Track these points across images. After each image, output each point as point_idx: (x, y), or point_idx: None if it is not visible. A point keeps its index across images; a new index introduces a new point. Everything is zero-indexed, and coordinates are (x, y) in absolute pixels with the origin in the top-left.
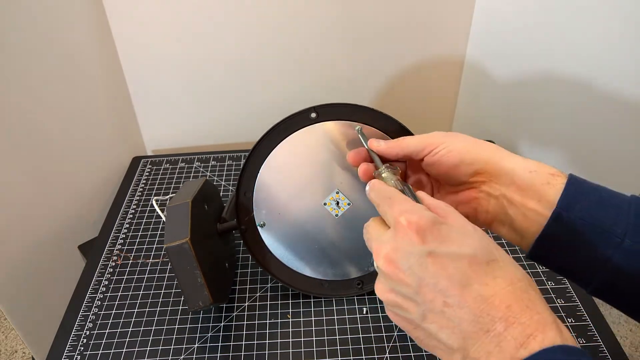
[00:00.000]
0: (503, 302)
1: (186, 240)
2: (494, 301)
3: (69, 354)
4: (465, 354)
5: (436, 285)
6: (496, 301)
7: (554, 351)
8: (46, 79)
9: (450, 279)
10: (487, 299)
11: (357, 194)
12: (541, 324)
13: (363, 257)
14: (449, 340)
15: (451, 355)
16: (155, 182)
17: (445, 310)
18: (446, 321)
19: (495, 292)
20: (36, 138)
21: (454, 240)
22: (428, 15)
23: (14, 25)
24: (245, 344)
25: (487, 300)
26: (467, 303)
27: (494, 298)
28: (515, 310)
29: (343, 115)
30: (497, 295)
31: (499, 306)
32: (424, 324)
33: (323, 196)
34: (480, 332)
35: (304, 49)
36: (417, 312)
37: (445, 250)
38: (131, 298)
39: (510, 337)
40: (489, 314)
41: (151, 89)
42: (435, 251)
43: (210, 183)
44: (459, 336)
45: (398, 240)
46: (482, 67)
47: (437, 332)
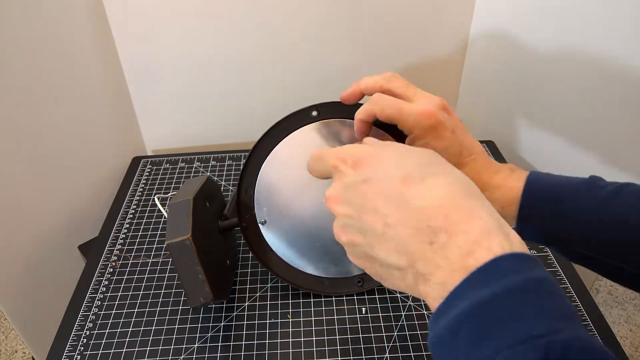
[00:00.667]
0: (441, 211)
1: (187, 236)
2: (431, 212)
3: (69, 354)
4: (415, 272)
5: (375, 209)
6: (433, 212)
7: (505, 259)
8: (46, 79)
9: (386, 198)
10: (423, 210)
11: None
12: (485, 230)
13: None
14: (399, 262)
15: (404, 280)
16: (155, 182)
17: (387, 232)
18: (390, 243)
19: (432, 203)
20: (36, 138)
21: (388, 164)
22: (428, 15)
23: (14, 26)
24: (245, 344)
25: (423, 212)
26: (404, 218)
27: (430, 209)
28: (455, 219)
29: (344, 113)
30: (434, 205)
31: (437, 216)
32: (374, 252)
33: (324, 194)
34: (424, 245)
35: (304, 49)
36: (365, 242)
37: (380, 174)
38: (131, 298)
39: (455, 247)
40: (428, 226)
41: (151, 89)
42: (370, 177)
43: (213, 180)
44: (405, 256)
45: (337, 179)
46: (482, 67)
47: (385, 257)
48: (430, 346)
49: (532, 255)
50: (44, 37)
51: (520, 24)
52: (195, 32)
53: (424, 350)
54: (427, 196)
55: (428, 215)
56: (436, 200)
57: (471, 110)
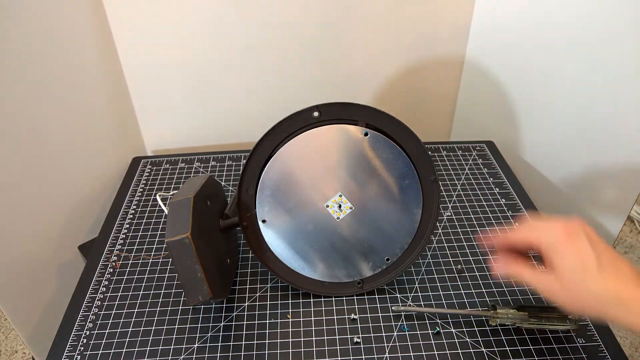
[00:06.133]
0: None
1: (187, 235)
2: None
3: (69, 354)
4: None
5: None
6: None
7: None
8: (46, 80)
9: None
10: None
11: (360, 199)
12: None
13: (360, 262)
14: None
15: None
16: (155, 182)
17: None
18: None
19: None
20: (36, 138)
21: None
22: (428, 15)
23: (14, 26)
24: (245, 344)
25: None
26: None
27: None
28: None
29: (345, 114)
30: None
31: None
32: None
33: (326, 198)
34: None
35: (304, 49)
36: None
37: None
38: (131, 298)
39: None
40: None
41: (151, 89)
42: None
43: (214, 179)
44: None
45: None
46: (482, 67)
47: None
48: None
49: None
50: (44, 37)
51: (520, 24)
52: (196, 32)
53: (424, 350)
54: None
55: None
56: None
57: (471, 110)
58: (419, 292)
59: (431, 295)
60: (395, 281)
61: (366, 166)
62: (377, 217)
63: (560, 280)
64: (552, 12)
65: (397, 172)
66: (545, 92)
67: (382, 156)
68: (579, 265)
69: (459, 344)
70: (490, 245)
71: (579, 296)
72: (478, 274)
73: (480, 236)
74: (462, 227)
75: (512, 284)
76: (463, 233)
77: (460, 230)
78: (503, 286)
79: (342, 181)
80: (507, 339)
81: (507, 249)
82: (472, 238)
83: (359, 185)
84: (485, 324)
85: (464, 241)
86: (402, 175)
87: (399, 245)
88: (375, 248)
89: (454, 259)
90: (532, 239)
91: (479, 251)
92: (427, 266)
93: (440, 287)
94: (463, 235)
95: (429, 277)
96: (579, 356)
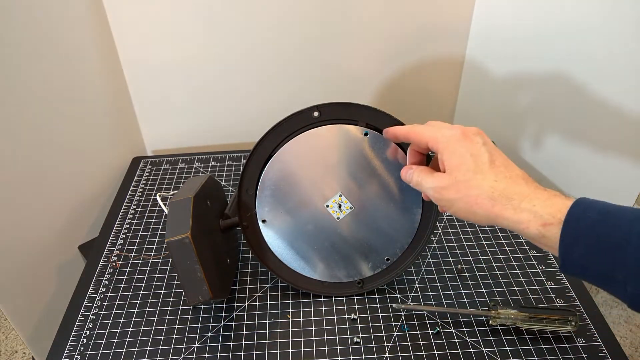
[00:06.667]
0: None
1: (187, 234)
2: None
3: (69, 354)
4: None
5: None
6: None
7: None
8: (46, 80)
9: None
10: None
11: (360, 199)
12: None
13: (360, 262)
14: None
15: None
16: (155, 182)
17: None
18: None
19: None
20: (36, 138)
21: None
22: (428, 15)
23: (14, 26)
24: (245, 344)
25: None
26: None
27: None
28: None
29: (345, 114)
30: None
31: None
32: None
33: (326, 198)
34: None
35: (304, 48)
36: None
37: None
38: (131, 298)
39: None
40: None
41: (151, 89)
42: None
43: (214, 179)
44: None
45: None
46: (482, 67)
47: None
48: None
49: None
50: (44, 37)
51: (520, 24)
52: (196, 32)
53: (424, 350)
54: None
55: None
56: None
57: (471, 110)
58: (419, 292)
59: (431, 295)
60: (395, 281)
61: (366, 166)
62: (377, 217)
63: (453, 177)
64: (552, 11)
65: (397, 172)
66: (545, 91)
67: (382, 156)
68: (471, 162)
69: (459, 344)
70: (395, 134)
71: (469, 193)
72: (478, 274)
73: (388, 129)
74: (462, 227)
75: (512, 284)
76: (463, 233)
77: (460, 230)
78: (503, 286)
79: (342, 181)
80: (507, 339)
81: (403, 139)
82: (472, 238)
83: (359, 185)
84: (485, 324)
85: (464, 241)
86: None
87: (399, 245)
88: (375, 248)
89: (454, 259)
90: (429, 138)
91: (478, 251)
92: (427, 266)
93: (440, 287)
94: (463, 235)
95: (429, 277)
96: (579, 356)
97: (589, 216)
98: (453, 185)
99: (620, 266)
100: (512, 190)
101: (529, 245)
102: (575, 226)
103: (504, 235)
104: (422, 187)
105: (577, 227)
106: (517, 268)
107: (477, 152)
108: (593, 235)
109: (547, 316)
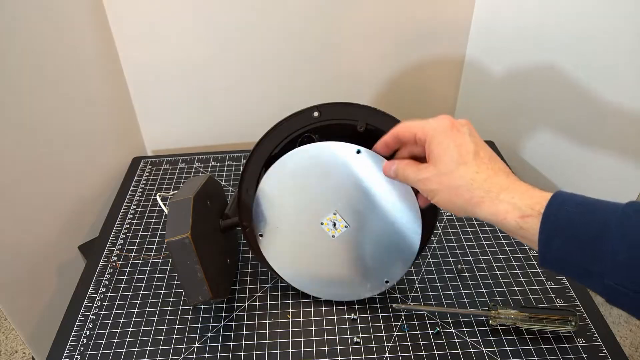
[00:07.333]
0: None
1: (187, 235)
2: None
3: (69, 354)
4: None
5: None
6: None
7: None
8: (46, 80)
9: None
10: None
11: (356, 218)
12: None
13: (359, 283)
14: None
15: None
16: (155, 183)
17: None
18: None
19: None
20: (36, 138)
21: None
22: (428, 15)
23: (15, 27)
24: (245, 344)
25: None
26: None
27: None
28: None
29: (345, 114)
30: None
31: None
32: None
33: (321, 215)
34: None
35: (304, 49)
36: None
37: None
38: (131, 298)
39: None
40: None
41: (151, 89)
42: None
43: (214, 179)
44: None
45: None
46: (482, 66)
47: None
48: None
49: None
50: (44, 37)
51: (521, 24)
52: (195, 32)
53: (424, 350)
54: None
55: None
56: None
57: (471, 110)
58: (419, 292)
59: (431, 295)
60: None
61: (360, 184)
62: (373, 236)
63: (437, 167)
64: (552, 11)
65: (394, 190)
66: (546, 91)
67: (376, 173)
68: (455, 153)
69: (459, 344)
70: (384, 142)
71: (450, 184)
72: (478, 274)
73: (377, 144)
74: (462, 227)
75: (512, 284)
76: (463, 233)
77: (460, 230)
78: (503, 286)
79: (336, 199)
80: (507, 339)
81: (394, 144)
82: (472, 238)
83: (354, 204)
84: (485, 324)
85: (464, 241)
86: (401, 193)
87: (398, 266)
88: (373, 269)
89: (454, 259)
90: (418, 128)
91: (478, 251)
92: (427, 266)
93: (440, 287)
94: (463, 235)
95: (429, 277)
96: (579, 356)
97: (567, 209)
98: (436, 176)
99: (599, 258)
100: (491, 182)
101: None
102: (554, 218)
103: (504, 235)
104: (407, 179)
105: (556, 219)
106: (517, 268)
107: (463, 142)
108: (571, 227)
109: (547, 316)
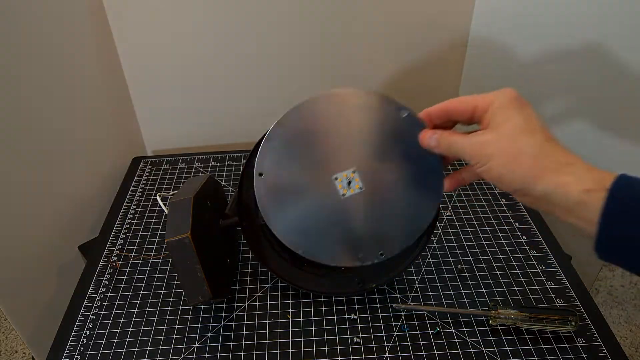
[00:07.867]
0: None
1: (187, 235)
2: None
3: (69, 354)
4: None
5: None
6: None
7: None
8: (46, 80)
9: None
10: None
11: (374, 182)
12: None
13: (356, 246)
14: None
15: None
16: (155, 183)
17: None
18: None
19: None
20: (36, 138)
21: None
22: (428, 15)
23: (15, 27)
24: (245, 344)
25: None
26: None
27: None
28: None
29: None
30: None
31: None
32: None
33: (336, 169)
34: None
35: (304, 49)
36: None
37: None
38: (131, 298)
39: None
40: None
41: (151, 89)
42: None
43: (214, 179)
44: None
45: None
46: (482, 67)
47: None
48: None
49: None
50: (44, 37)
51: (520, 24)
52: (195, 32)
53: (424, 350)
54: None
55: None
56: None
57: None
58: (419, 292)
59: (431, 295)
60: (395, 281)
61: (394, 149)
62: (384, 208)
63: (499, 131)
64: (554, 9)
65: (424, 165)
66: (547, 90)
67: (415, 142)
68: (523, 121)
69: (459, 344)
70: (428, 113)
71: (513, 146)
72: (478, 274)
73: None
74: (462, 227)
75: (512, 284)
76: (463, 233)
77: (460, 230)
78: (503, 286)
79: (360, 157)
80: (507, 339)
81: (438, 118)
82: (472, 238)
83: (378, 169)
84: (485, 324)
85: (464, 241)
86: (429, 169)
87: (397, 242)
88: (373, 238)
89: (454, 259)
90: (477, 100)
91: (478, 251)
92: (427, 266)
93: (440, 287)
94: (463, 235)
95: (429, 277)
96: (579, 356)
97: (637, 188)
98: (496, 140)
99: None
100: (559, 153)
101: (529, 245)
102: (622, 195)
103: (504, 235)
104: (452, 146)
105: (623, 197)
106: (517, 268)
107: (530, 113)
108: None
109: (547, 316)
